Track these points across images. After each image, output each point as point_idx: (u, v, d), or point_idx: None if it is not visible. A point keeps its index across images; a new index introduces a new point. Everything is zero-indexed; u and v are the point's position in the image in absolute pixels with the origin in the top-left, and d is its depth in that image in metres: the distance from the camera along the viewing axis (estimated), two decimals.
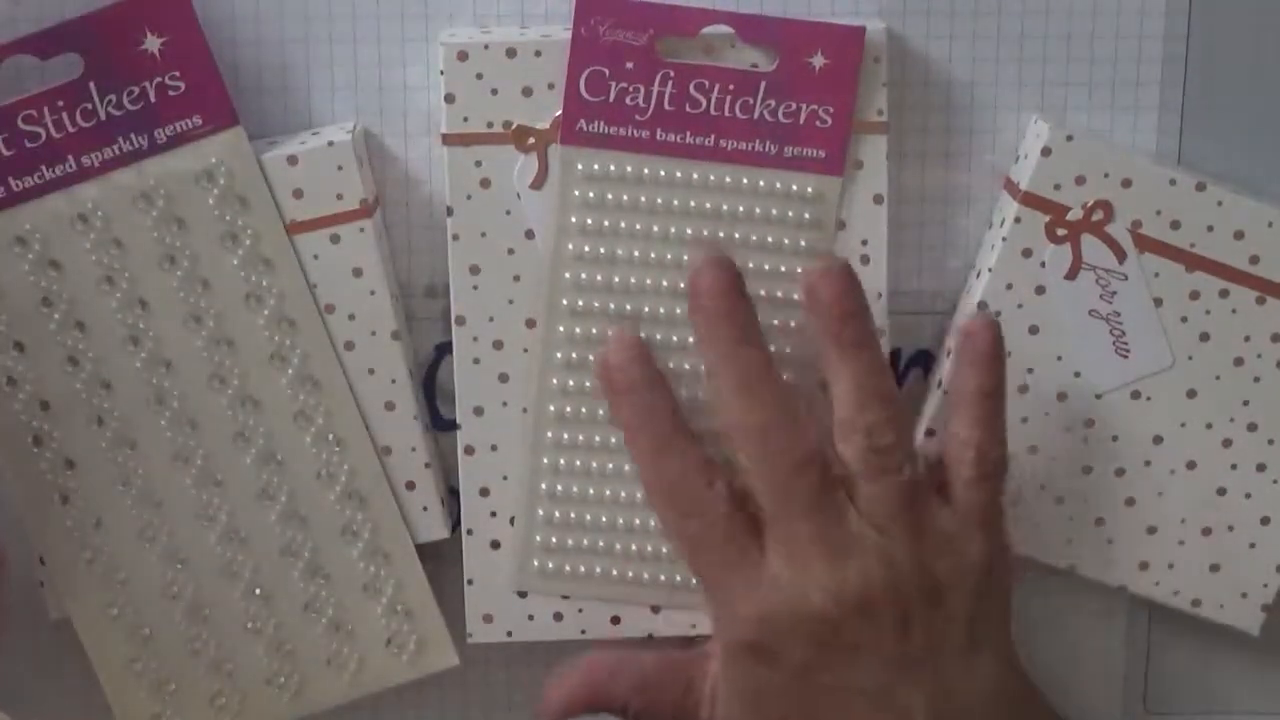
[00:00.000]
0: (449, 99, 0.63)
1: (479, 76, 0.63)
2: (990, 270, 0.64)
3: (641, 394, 0.62)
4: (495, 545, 0.66)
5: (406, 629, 0.66)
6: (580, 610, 0.66)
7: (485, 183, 0.64)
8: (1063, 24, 0.65)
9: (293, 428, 0.64)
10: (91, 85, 0.62)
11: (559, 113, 0.63)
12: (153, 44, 0.61)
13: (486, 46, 0.63)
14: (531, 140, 0.63)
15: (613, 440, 0.65)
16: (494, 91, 0.63)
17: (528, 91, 0.63)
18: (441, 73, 0.63)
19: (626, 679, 0.63)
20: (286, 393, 0.64)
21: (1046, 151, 0.63)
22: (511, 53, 0.63)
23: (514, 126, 0.63)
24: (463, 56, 0.62)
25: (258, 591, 0.65)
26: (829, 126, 0.63)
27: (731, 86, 0.62)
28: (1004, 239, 0.64)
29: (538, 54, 0.63)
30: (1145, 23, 0.65)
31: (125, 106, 0.62)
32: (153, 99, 0.62)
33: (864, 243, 0.64)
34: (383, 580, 0.65)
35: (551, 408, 0.65)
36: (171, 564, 0.65)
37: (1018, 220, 0.64)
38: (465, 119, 0.63)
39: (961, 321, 0.63)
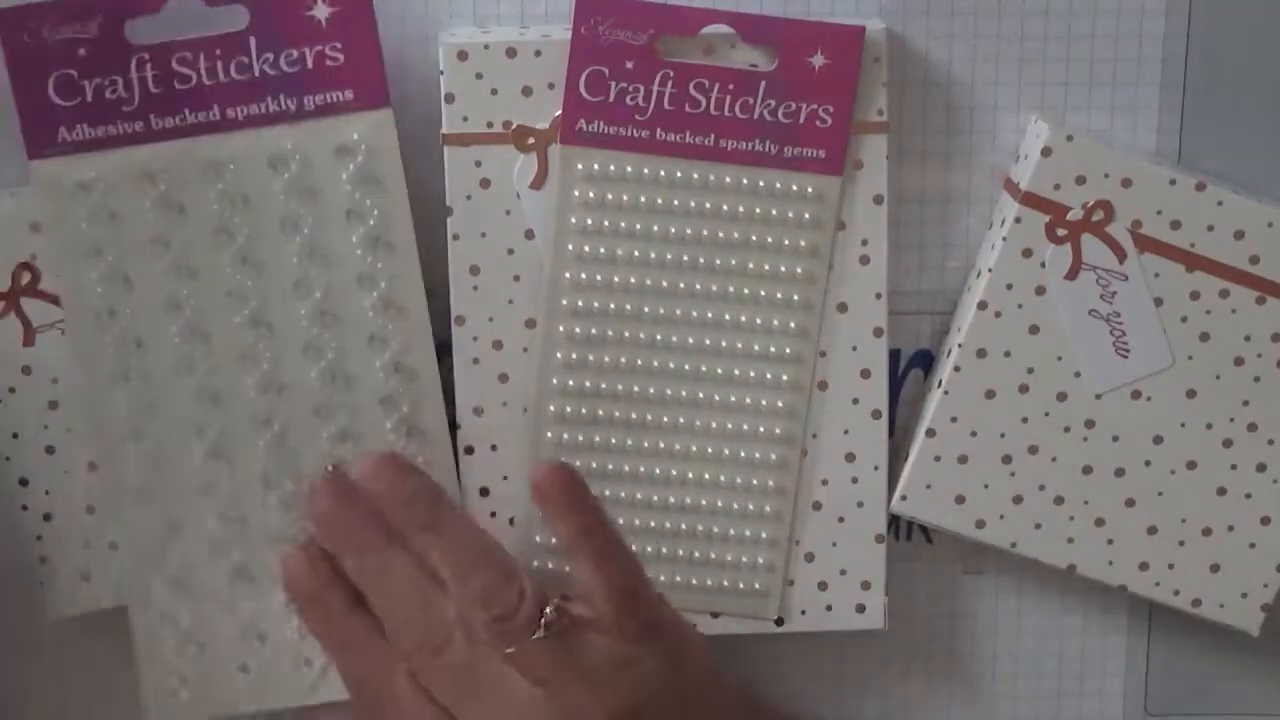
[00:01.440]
0: (449, 99, 0.63)
1: (479, 76, 0.63)
2: (990, 270, 0.64)
3: (320, 603, 0.62)
4: None
5: None
6: None
7: (485, 183, 0.63)
8: (1063, 24, 0.65)
9: (379, 412, 0.64)
10: (252, 40, 0.61)
11: (559, 112, 0.63)
12: (321, 11, 0.61)
13: (486, 46, 0.63)
14: (531, 140, 0.63)
15: (613, 440, 0.65)
16: (494, 91, 0.63)
17: (528, 91, 0.63)
18: (441, 73, 0.63)
19: None
20: (379, 376, 0.64)
21: (1046, 151, 0.63)
22: (511, 53, 0.62)
23: (514, 126, 0.63)
24: (463, 56, 0.62)
25: None
26: (829, 126, 0.63)
27: (731, 86, 0.62)
28: (1004, 239, 0.64)
29: (538, 54, 0.62)
30: (1145, 23, 0.65)
31: (281, 68, 0.62)
32: (310, 65, 0.62)
33: (864, 243, 0.64)
34: None
35: (551, 408, 0.65)
36: (229, 523, 0.64)
37: (1018, 220, 0.64)
38: (465, 119, 0.63)
39: (530, 476, 0.61)
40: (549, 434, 0.65)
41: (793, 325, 0.64)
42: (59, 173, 0.62)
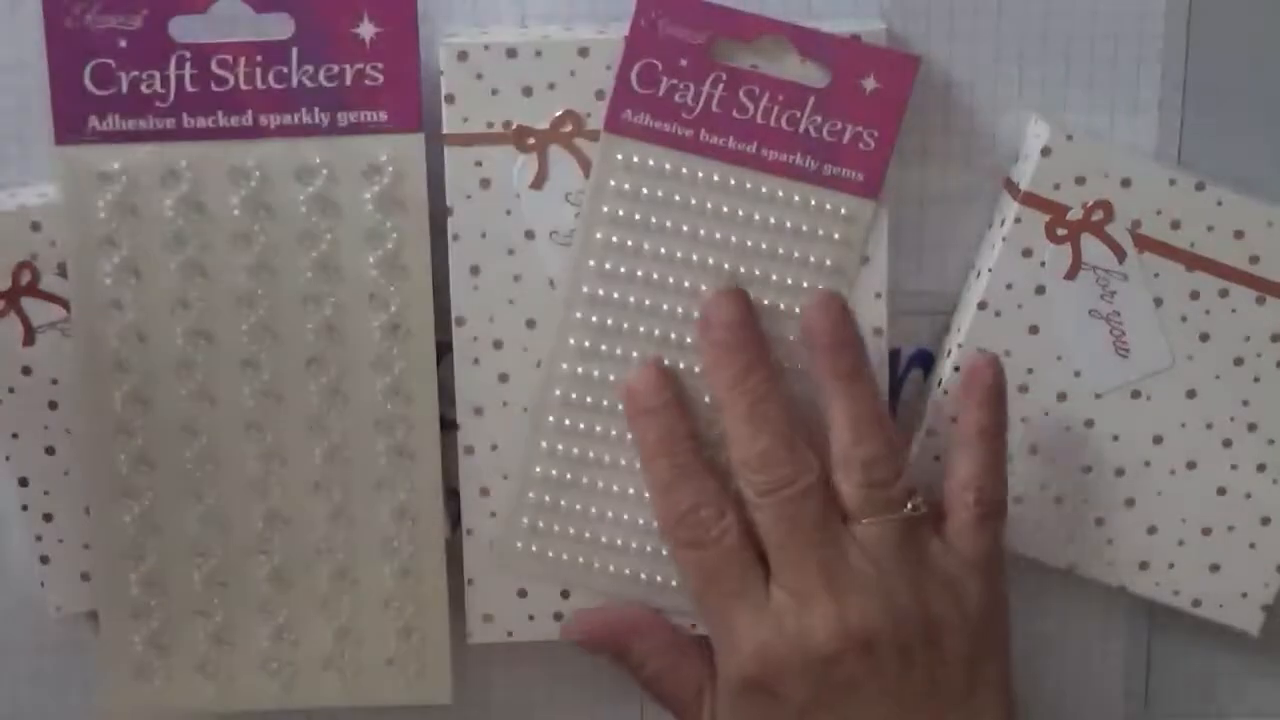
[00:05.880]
0: (449, 99, 0.63)
1: (479, 76, 0.63)
2: (990, 270, 0.64)
3: (661, 419, 0.62)
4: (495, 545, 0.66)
5: (412, 653, 0.65)
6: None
7: (485, 183, 0.63)
8: (1062, 24, 0.65)
9: (371, 432, 0.64)
10: (294, 51, 0.61)
11: (560, 112, 0.63)
12: (367, 30, 0.61)
13: (486, 47, 0.62)
14: (532, 140, 0.63)
15: (606, 458, 0.65)
16: (494, 91, 0.63)
17: (528, 91, 0.63)
18: (441, 73, 0.63)
19: (649, 642, 0.64)
20: (378, 398, 0.64)
21: (1046, 151, 0.63)
22: (512, 53, 0.62)
23: (514, 126, 0.63)
24: (462, 56, 0.62)
25: (281, 577, 0.65)
26: (871, 150, 0.62)
27: (781, 97, 0.62)
28: (1004, 239, 0.64)
29: (538, 54, 0.62)
30: (1145, 23, 0.65)
31: (319, 81, 0.61)
32: (348, 82, 0.62)
33: (864, 243, 0.64)
34: (405, 600, 0.65)
35: (550, 418, 0.65)
36: (210, 527, 0.64)
37: (1018, 220, 0.64)
38: (465, 119, 0.63)
39: (966, 359, 0.63)
40: (544, 444, 0.65)
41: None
42: (83, 160, 0.62)
